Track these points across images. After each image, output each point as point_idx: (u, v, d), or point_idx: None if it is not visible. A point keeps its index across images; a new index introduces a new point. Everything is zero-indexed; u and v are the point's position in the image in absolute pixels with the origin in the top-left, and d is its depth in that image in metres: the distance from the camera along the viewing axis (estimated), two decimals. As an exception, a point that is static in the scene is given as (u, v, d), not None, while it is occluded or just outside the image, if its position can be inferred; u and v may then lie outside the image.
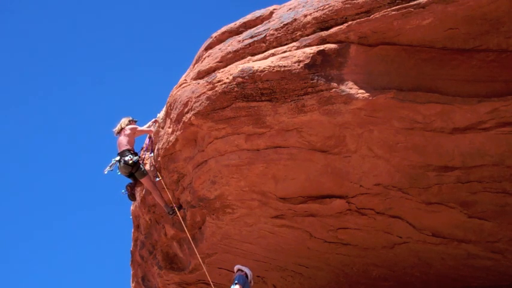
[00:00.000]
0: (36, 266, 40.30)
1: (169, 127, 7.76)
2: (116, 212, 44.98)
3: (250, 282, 6.98)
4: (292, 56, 6.05)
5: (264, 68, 6.11)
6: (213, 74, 6.74)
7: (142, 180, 8.47)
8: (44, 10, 43.47)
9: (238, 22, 7.29)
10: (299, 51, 6.04)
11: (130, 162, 8.22)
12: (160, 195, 8.48)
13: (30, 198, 44.38)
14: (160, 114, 8.73)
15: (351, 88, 5.77)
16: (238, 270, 7.13)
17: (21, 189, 44.42)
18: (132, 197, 8.85)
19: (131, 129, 8.62)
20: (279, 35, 6.41)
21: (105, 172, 8.60)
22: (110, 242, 43.90)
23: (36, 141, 45.72)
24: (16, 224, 42.02)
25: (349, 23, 5.77)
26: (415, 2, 5.34)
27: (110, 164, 8.61)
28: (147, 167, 8.77)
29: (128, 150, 8.37)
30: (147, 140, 9.11)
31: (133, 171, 8.36)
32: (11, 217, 42.37)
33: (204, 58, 7.39)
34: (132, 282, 12.06)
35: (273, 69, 6.05)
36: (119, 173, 8.54)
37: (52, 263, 40.09)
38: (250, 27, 7.02)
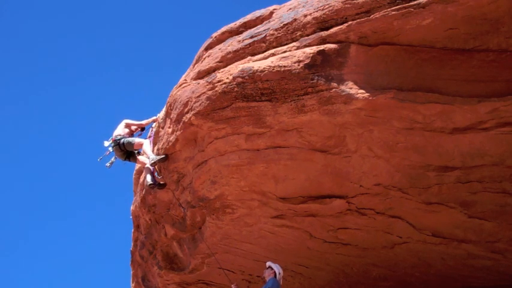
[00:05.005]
0: (36, 266, 40.32)
1: (169, 127, 7.76)
2: (116, 212, 45.03)
3: (279, 280, 6.82)
4: (292, 56, 6.04)
5: (264, 68, 6.11)
6: (213, 74, 6.74)
7: (135, 146, 8.47)
8: (44, 9, 43.48)
9: (238, 22, 7.29)
10: (299, 51, 6.04)
11: (109, 143, 8.48)
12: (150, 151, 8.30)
13: (30, 198, 44.39)
14: (160, 114, 8.74)
15: (351, 88, 5.77)
16: (269, 267, 6.93)
17: (21, 188, 44.44)
18: (160, 186, 8.66)
19: (123, 123, 8.92)
20: (279, 35, 6.40)
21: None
22: (110, 242, 43.95)
23: (35, 141, 45.71)
24: (16, 224, 42.04)
25: (349, 23, 5.76)
26: (415, 2, 5.34)
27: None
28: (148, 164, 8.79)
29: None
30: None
31: (123, 148, 8.50)
32: (11, 217, 42.39)
33: (204, 58, 7.39)
34: (132, 282, 12.07)
35: (273, 69, 6.05)
36: (123, 160, 8.74)
37: (52, 263, 40.12)
38: (250, 27, 7.02)
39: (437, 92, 5.65)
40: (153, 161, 7.92)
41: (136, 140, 8.51)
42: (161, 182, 8.39)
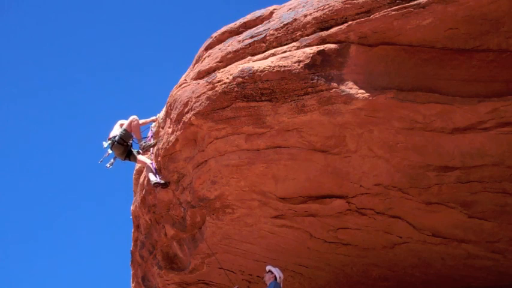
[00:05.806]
0: (36, 266, 40.35)
1: (169, 127, 7.76)
2: (116, 212, 45.05)
3: (280, 283, 6.86)
4: (292, 56, 6.04)
5: (264, 68, 6.10)
6: (213, 74, 6.74)
7: (128, 128, 8.57)
8: (44, 9, 43.48)
9: (238, 22, 7.29)
10: (299, 51, 6.04)
11: (106, 144, 8.52)
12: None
13: (30, 197, 44.42)
14: (160, 114, 8.74)
15: (351, 88, 5.77)
16: (269, 271, 6.97)
17: (21, 188, 44.45)
18: (164, 185, 8.66)
19: (118, 124, 8.96)
20: (279, 35, 6.41)
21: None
22: (110, 242, 43.98)
23: (36, 140, 45.73)
24: (16, 224, 42.07)
25: (349, 23, 5.76)
26: (415, 2, 5.34)
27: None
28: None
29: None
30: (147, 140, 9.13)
31: (122, 142, 8.55)
32: (11, 217, 42.40)
33: (204, 58, 7.39)
34: (132, 282, 12.07)
35: (273, 69, 6.05)
36: (123, 160, 8.78)
37: (52, 263, 40.17)
38: (250, 27, 7.02)
39: (437, 92, 5.65)
40: (143, 146, 8.37)
41: (125, 125, 8.62)
42: (161, 181, 8.40)
